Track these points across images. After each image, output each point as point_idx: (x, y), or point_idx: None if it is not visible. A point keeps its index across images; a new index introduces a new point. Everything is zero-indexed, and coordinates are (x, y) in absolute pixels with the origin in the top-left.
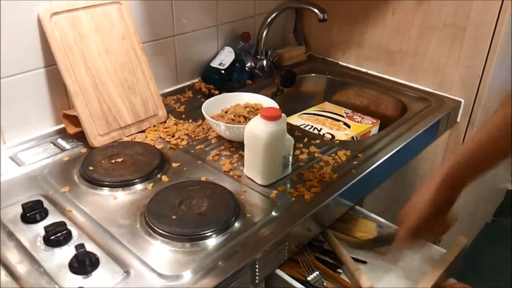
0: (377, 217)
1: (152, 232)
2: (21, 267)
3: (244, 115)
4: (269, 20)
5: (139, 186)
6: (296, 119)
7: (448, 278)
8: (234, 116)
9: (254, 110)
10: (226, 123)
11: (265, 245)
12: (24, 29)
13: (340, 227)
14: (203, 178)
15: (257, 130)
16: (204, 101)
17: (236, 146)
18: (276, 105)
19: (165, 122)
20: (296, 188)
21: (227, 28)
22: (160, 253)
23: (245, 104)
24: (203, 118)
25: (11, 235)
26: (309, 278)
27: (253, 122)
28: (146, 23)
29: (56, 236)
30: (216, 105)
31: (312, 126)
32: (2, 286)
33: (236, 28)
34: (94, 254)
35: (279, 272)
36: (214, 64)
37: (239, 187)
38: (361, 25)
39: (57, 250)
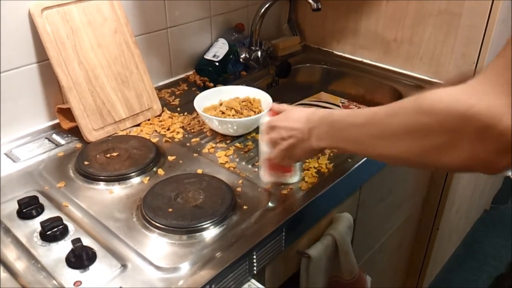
0: None
1: (149, 225)
2: (18, 263)
3: (236, 109)
4: (262, 10)
5: (135, 180)
6: None
7: None
8: (226, 108)
9: (249, 104)
10: (216, 115)
11: (262, 236)
12: (15, 25)
13: None
14: (199, 171)
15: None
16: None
17: (231, 138)
18: (269, 98)
19: (160, 115)
20: None
21: (221, 19)
22: (157, 246)
23: (238, 97)
24: None
25: (7, 231)
26: None
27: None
28: (138, 16)
29: (53, 231)
30: (209, 99)
31: None
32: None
33: (230, 19)
34: (91, 248)
35: None
36: (208, 56)
37: (235, 179)
38: (356, 14)
39: (54, 245)
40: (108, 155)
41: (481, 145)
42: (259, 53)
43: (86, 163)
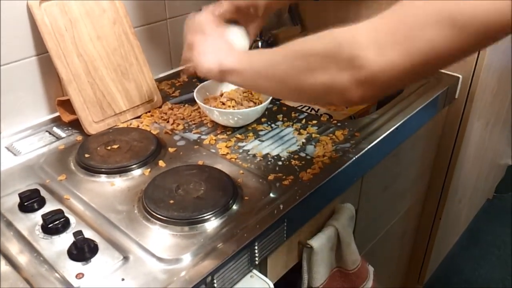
0: None
1: (150, 217)
2: (21, 256)
3: (236, 100)
4: None
5: (136, 172)
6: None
7: None
8: (226, 100)
9: (250, 95)
10: (215, 106)
11: (264, 227)
12: (14, 18)
13: None
14: (200, 162)
15: None
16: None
17: (232, 129)
18: None
19: (160, 107)
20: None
21: None
22: (159, 237)
23: (239, 88)
24: None
25: (9, 224)
26: None
27: None
28: (137, 7)
29: (54, 224)
30: (209, 90)
31: (309, 107)
32: (2, 275)
33: None
34: (93, 241)
35: None
36: None
37: (237, 170)
38: (356, 4)
39: (55, 238)
40: (109, 148)
41: (345, 71)
42: (260, 43)
43: (87, 155)
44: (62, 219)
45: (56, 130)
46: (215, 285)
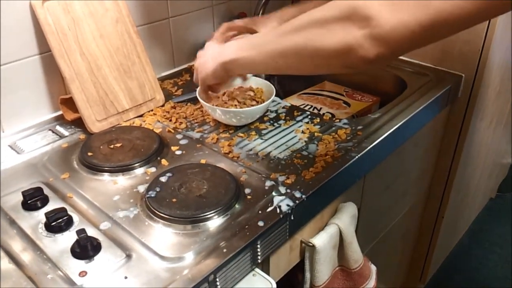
0: None
1: (153, 216)
2: (24, 254)
3: (238, 99)
4: None
5: (138, 171)
6: (295, 100)
7: None
8: (229, 98)
9: (252, 94)
10: (217, 105)
11: (266, 225)
12: (17, 17)
13: None
14: (202, 161)
15: None
16: None
17: (235, 128)
18: (272, 88)
19: (163, 106)
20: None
21: (223, 8)
22: (162, 236)
23: (241, 87)
24: None
25: (13, 222)
26: None
27: None
28: (140, 6)
29: (57, 222)
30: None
31: (312, 106)
32: (6, 273)
33: (232, 8)
34: (96, 239)
35: None
36: None
37: (239, 169)
38: None
39: (59, 236)
40: (112, 146)
41: (362, 29)
42: None
43: (90, 154)
44: (65, 217)
45: (59, 128)
46: (218, 283)
